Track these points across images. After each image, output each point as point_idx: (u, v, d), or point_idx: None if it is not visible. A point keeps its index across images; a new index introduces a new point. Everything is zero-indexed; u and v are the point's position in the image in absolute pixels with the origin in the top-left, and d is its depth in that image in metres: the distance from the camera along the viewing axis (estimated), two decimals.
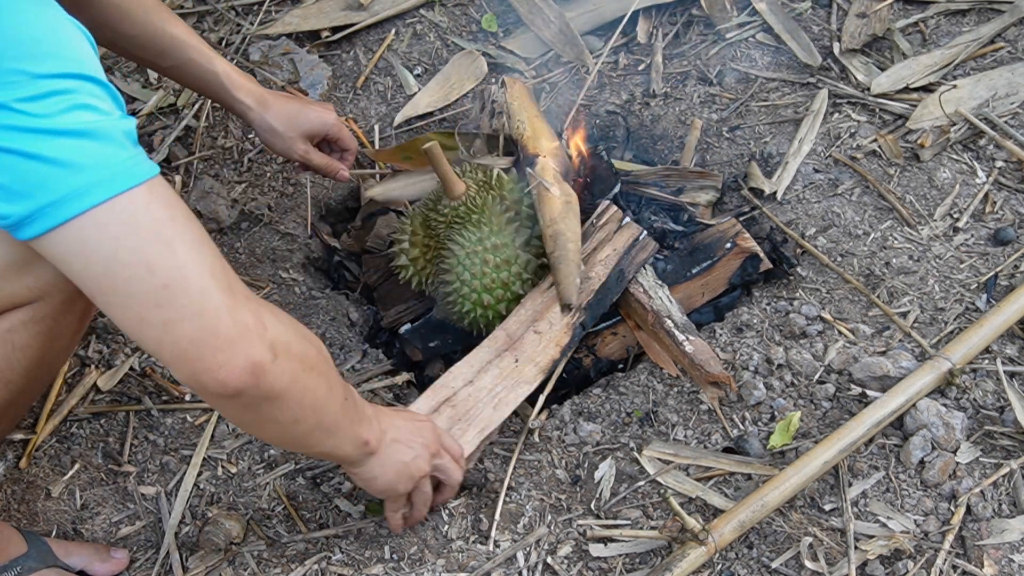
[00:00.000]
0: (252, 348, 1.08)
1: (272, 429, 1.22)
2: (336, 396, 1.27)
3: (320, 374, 1.22)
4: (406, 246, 1.88)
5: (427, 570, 1.57)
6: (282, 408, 1.16)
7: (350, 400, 1.32)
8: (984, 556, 1.48)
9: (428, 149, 1.71)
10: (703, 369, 1.69)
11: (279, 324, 1.14)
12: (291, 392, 1.15)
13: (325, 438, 1.29)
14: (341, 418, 1.29)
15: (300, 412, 1.20)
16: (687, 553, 1.47)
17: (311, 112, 1.88)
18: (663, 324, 1.75)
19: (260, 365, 1.08)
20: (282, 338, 1.13)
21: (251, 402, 1.12)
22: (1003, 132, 2.01)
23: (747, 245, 1.86)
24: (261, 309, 1.12)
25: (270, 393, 1.12)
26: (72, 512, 1.71)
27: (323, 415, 1.24)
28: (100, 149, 1.02)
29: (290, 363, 1.14)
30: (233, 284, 1.09)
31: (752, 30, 2.35)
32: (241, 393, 1.09)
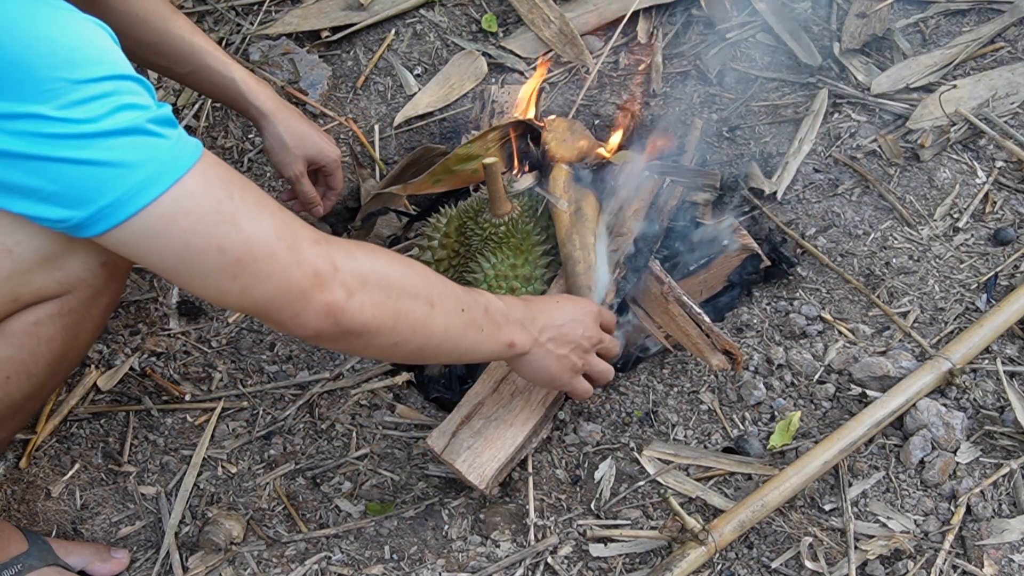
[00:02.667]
0: (323, 292, 1.15)
1: (377, 352, 1.31)
2: (445, 311, 1.30)
3: (413, 296, 1.26)
4: (435, 245, 1.88)
5: (427, 570, 1.58)
6: (375, 336, 1.23)
7: (474, 310, 1.36)
8: (984, 556, 1.48)
9: (488, 166, 1.73)
10: (718, 337, 1.68)
11: (353, 261, 1.19)
12: (379, 321, 1.21)
13: (449, 349, 1.35)
14: (462, 329, 1.34)
15: (397, 336, 1.25)
16: (687, 553, 1.47)
17: (320, 140, 1.94)
18: (677, 296, 1.74)
19: (334, 305, 1.16)
20: (356, 273, 1.19)
21: (340, 337, 1.20)
22: (1003, 132, 2.01)
23: (745, 242, 1.86)
24: (333, 251, 1.17)
25: (353, 327, 1.19)
26: (72, 512, 1.71)
27: (429, 333, 1.29)
28: (147, 144, 1.06)
29: (369, 295, 1.19)
30: (299, 236, 1.15)
31: (752, 30, 2.35)
32: (324, 333, 1.18)
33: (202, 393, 1.90)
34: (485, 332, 1.39)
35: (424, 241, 1.91)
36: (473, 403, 1.66)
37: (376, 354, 1.35)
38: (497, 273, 1.78)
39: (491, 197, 1.78)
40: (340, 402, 1.87)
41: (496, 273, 1.78)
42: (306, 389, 1.90)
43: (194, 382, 1.92)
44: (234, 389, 1.90)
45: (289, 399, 1.89)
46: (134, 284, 2.06)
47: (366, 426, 1.84)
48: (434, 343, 1.31)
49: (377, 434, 1.82)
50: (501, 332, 1.42)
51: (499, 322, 1.42)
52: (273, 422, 1.84)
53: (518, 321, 1.45)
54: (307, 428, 1.83)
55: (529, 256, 1.81)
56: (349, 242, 1.23)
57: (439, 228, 1.89)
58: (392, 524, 1.66)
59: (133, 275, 2.07)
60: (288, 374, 1.94)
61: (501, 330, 1.42)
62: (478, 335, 1.37)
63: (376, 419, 1.85)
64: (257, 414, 1.86)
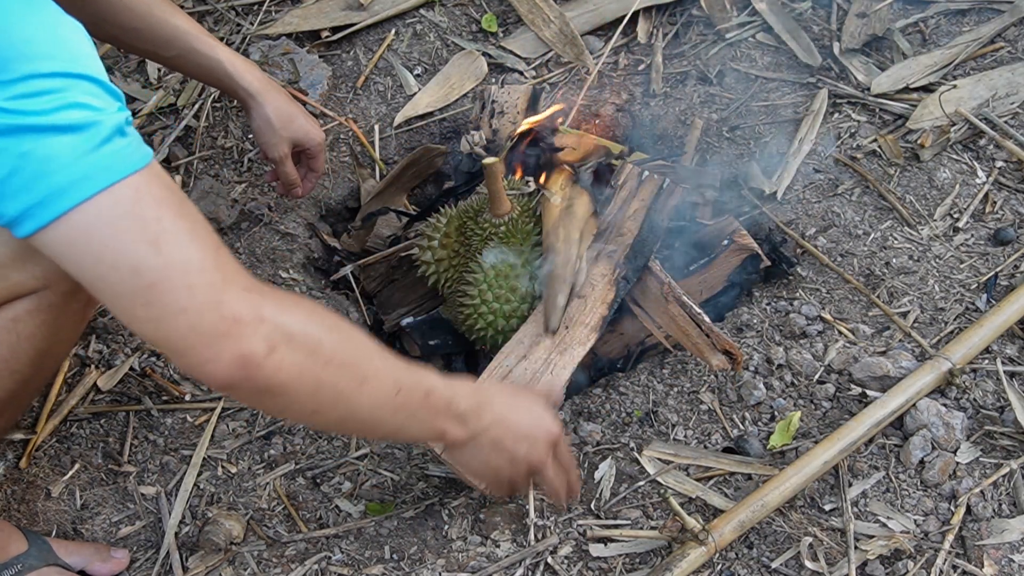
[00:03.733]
0: (241, 342, 1.05)
1: (295, 416, 1.24)
2: (376, 389, 1.21)
3: (342, 366, 1.17)
4: (435, 244, 1.88)
5: (427, 570, 1.57)
6: (292, 400, 1.13)
7: (412, 393, 1.27)
8: (984, 556, 1.48)
9: (488, 165, 1.73)
10: (718, 337, 1.68)
11: (283, 315, 1.10)
12: (297, 384, 1.12)
13: (374, 427, 1.29)
14: (391, 411, 1.25)
15: (316, 404, 1.16)
16: (687, 553, 1.47)
17: (306, 123, 1.92)
18: (678, 296, 1.74)
19: (249, 357, 1.06)
20: (283, 329, 1.09)
21: (253, 393, 1.11)
22: (1003, 132, 2.01)
23: (745, 242, 1.86)
24: (263, 300, 1.08)
25: (269, 385, 1.09)
26: (72, 512, 1.71)
27: (352, 408, 1.20)
28: (82, 144, 1.00)
29: (292, 354, 1.10)
30: (228, 276, 1.07)
31: (752, 30, 2.35)
32: (235, 386, 1.08)
33: (202, 393, 1.90)
34: (417, 418, 1.29)
35: (424, 241, 1.91)
36: None
37: (294, 418, 1.27)
38: (497, 273, 1.78)
39: (491, 197, 1.79)
40: None
41: (496, 273, 1.78)
42: None
43: (194, 382, 1.92)
44: None
45: None
46: None
47: None
48: (357, 419, 1.24)
49: None
50: (435, 421, 1.32)
51: (437, 410, 1.31)
52: (273, 422, 1.84)
53: (460, 414, 1.35)
54: (307, 428, 1.83)
55: (530, 256, 1.81)
56: (288, 296, 1.14)
57: (439, 228, 1.89)
58: (392, 524, 1.66)
59: None
60: None
61: (435, 419, 1.32)
62: (407, 420, 1.28)
63: None
64: (257, 414, 1.86)
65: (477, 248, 1.83)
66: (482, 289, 1.78)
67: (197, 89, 2.35)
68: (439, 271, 1.89)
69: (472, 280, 1.80)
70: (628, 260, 1.78)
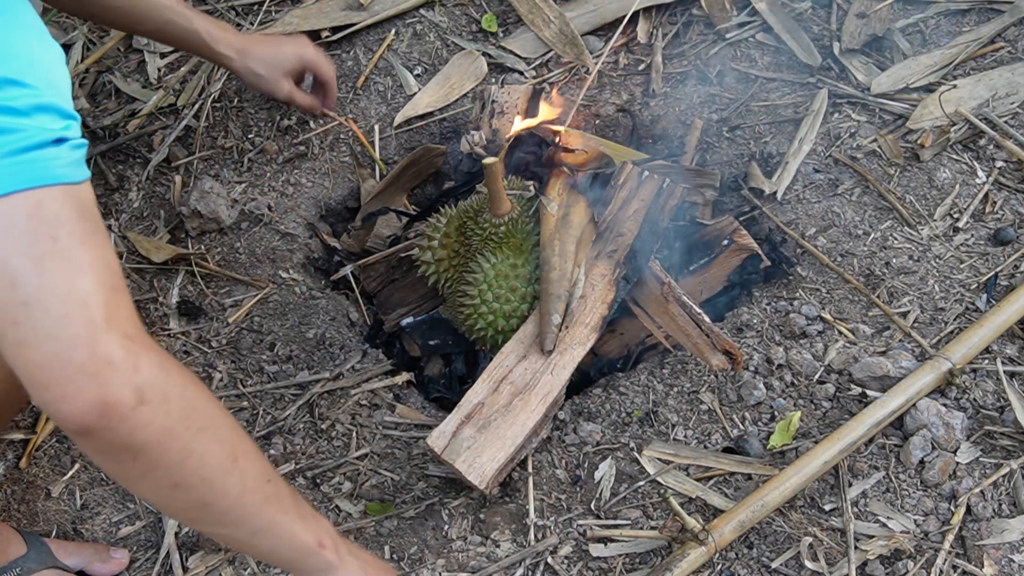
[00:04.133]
0: (108, 386, 0.96)
1: (151, 489, 1.07)
2: (247, 472, 1.11)
3: (217, 440, 1.07)
4: (435, 245, 1.88)
5: (427, 570, 1.57)
6: (154, 466, 1.02)
7: (281, 487, 1.16)
8: (984, 556, 1.48)
9: (488, 165, 1.73)
10: (718, 337, 1.68)
11: (162, 373, 1.00)
12: (163, 448, 1.02)
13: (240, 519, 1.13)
14: (262, 501, 1.13)
15: (180, 477, 1.05)
16: (687, 553, 1.47)
17: (287, 49, 1.97)
18: (678, 296, 1.74)
19: (113, 406, 0.96)
20: (159, 386, 1.00)
21: (110, 448, 1.00)
22: (1003, 132, 2.01)
23: (745, 242, 1.86)
24: (144, 352, 0.99)
25: (129, 442, 0.99)
26: (72, 512, 1.71)
27: (221, 490, 1.09)
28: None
29: (163, 416, 1.00)
30: (113, 318, 0.98)
31: (752, 30, 2.35)
32: (90, 433, 0.97)
33: None
34: (290, 516, 1.17)
35: (424, 241, 1.91)
36: (473, 403, 1.66)
37: (150, 492, 1.08)
38: (497, 273, 1.78)
39: (491, 197, 1.79)
40: (340, 402, 1.87)
41: (496, 273, 1.78)
42: (306, 389, 1.90)
43: None
44: (234, 389, 1.90)
45: (289, 399, 1.89)
46: (134, 285, 2.06)
47: (366, 426, 1.84)
48: (225, 504, 1.10)
49: (377, 434, 1.82)
50: (309, 525, 1.19)
51: (308, 515, 1.20)
52: (273, 422, 1.84)
53: (329, 529, 1.23)
54: (307, 428, 1.83)
55: (530, 256, 1.81)
56: (171, 359, 1.04)
57: (439, 228, 1.89)
58: (392, 524, 1.66)
59: (133, 275, 2.07)
60: (288, 374, 1.94)
61: (308, 523, 1.19)
62: (280, 515, 1.15)
63: (376, 419, 1.85)
64: (257, 414, 1.86)
65: (477, 248, 1.83)
66: (482, 290, 1.78)
67: (197, 89, 2.35)
68: (439, 271, 1.89)
69: (472, 280, 1.80)
70: (628, 260, 1.78)
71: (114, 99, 2.36)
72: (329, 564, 1.21)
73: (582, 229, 1.81)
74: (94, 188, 2.29)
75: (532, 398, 1.65)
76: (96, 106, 2.31)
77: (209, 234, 2.16)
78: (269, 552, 1.20)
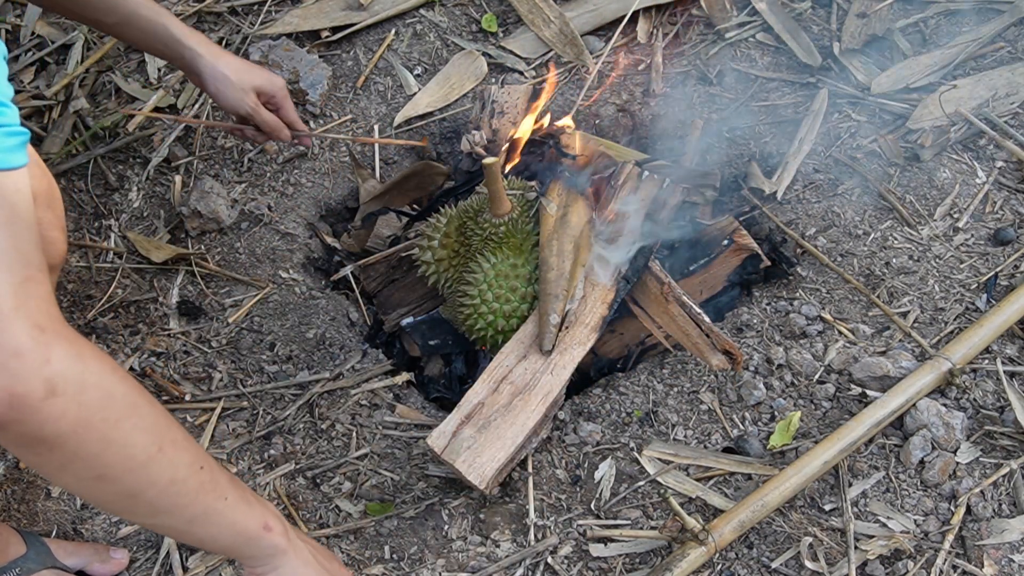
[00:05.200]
0: (15, 377, 0.93)
1: (74, 482, 1.04)
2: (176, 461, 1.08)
3: (138, 428, 1.04)
4: (435, 245, 1.88)
5: (427, 570, 1.57)
6: (72, 458, 1.00)
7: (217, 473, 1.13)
8: (984, 556, 1.48)
9: (488, 165, 1.73)
10: (718, 337, 1.68)
11: (77, 362, 0.98)
12: (79, 439, 0.98)
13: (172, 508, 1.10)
14: (195, 489, 1.10)
15: (103, 468, 1.02)
16: (687, 553, 1.47)
17: (263, 71, 1.84)
18: (677, 296, 1.74)
19: (22, 398, 0.93)
20: (72, 376, 0.97)
21: (20, 441, 0.97)
22: (1003, 132, 2.01)
23: (744, 242, 1.86)
24: (56, 341, 0.96)
25: (42, 435, 0.96)
26: (72, 512, 1.71)
27: (148, 479, 1.06)
28: None
29: (77, 407, 0.97)
30: (23, 307, 0.94)
31: (752, 30, 2.35)
32: (4, 428, 0.94)
33: (202, 393, 1.90)
34: (229, 502, 1.13)
35: (424, 241, 1.91)
36: (473, 403, 1.66)
37: (73, 484, 1.05)
38: (497, 273, 1.78)
39: (491, 197, 1.79)
40: (340, 402, 1.87)
41: (496, 273, 1.78)
42: (306, 389, 1.90)
43: (194, 382, 1.92)
44: (234, 389, 1.90)
45: (289, 399, 1.89)
46: (134, 285, 2.06)
47: (366, 426, 1.84)
48: (152, 494, 1.06)
49: (377, 434, 1.82)
50: (252, 509, 1.16)
51: (251, 500, 1.16)
52: (273, 422, 1.84)
53: (274, 512, 1.20)
54: (307, 428, 1.83)
55: (529, 256, 1.81)
56: (90, 347, 1.01)
57: (439, 228, 1.89)
58: (392, 524, 1.66)
59: (133, 275, 2.07)
60: (288, 374, 1.94)
61: (252, 507, 1.16)
62: (217, 502, 1.12)
63: (376, 419, 1.85)
64: (257, 414, 1.86)
65: (477, 248, 1.83)
66: (481, 289, 1.78)
67: (197, 89, 2.35)
68: (439, 271, 1.89)
69: (472, 280, 1.80)
70: (628, 260, 1.78)
71: (114, 99, 2.36)
72: (276, 547, 1.19)
73: (581, 229, 1.81)
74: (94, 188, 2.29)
75: (532, 398, 1.66)
76: (96, 106, 2.31)
77: (209, 234, 2.16)
78: (211, 540, 1.17)
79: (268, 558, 1.20)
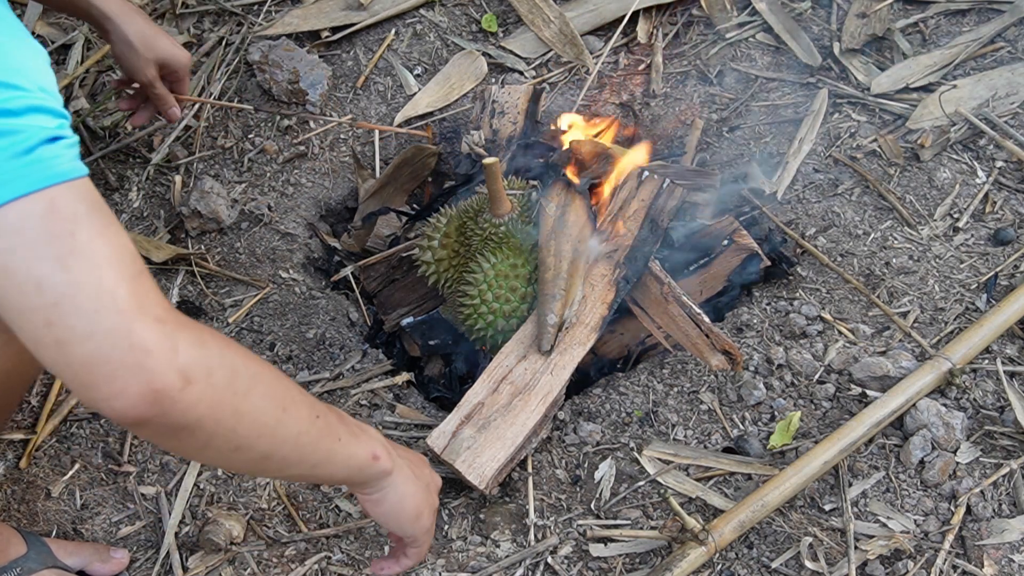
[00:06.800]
0: (152, 375, 0.97)
1: (214, 457, 1.10)
2: (298, 416, 1.15)
3: (263, 396, 1.10)
4: (435, 245, 1.88)
5: (427, 570, 1.58)
6: (212, 437, 1.05)
7: (329, 416, 1.21)
8: (984, 556, 1.48)
9: (488, 165, 1.73)
10: (718, 337, 1.68)
11: (200, 348, 1.02)
12: (217, 419, 1.04)
13: (300, 459, 1.17)
14: (317, 437, 1.18)
15: (239, 439, 1.08)
16: (687, 553, 1.47)
17: (170, 43, 1.85)
18: (677, 296, 1.74)
19: (163, 392, 0.97)
20: (200, 362, 1.02)
21: (168, 432, 1.02)
22: (1003, 132, 2.01)
23: (744, 242, 1.86)
24: (178, 331, 1.00)
25: (184, 422, 1.01)
26: (72, 512, 1.71)
27: (279, 439, 1.13)
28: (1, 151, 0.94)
29: (211, 389, 1.02)
30: (142, 303, 0.98)
31: (752, 30, 2.35)
32: (148, 424, 0.99)
33: None
34: (343, 442, 1.21)
35: (424, 241, 1.91)
36: (473, 403, 1.66)
37: (213, 459, 1.13)
38: (497, 273, 1.78)
39: (491, 197, 1.78)
40: (340, 402, 1.87)
41: (496, 273, 1.78)
42: (306, 389, 1.90)
43: None
44: None
45: None
46: None
47: None
48: (284, 452, 1.14)
49: None
50: (360, 442, 1.24)
51: (357, 432, 1.25)
52: None
53: (377, 437, 1.28)
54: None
55: (530, 256, 1.81)
56: (204, 328, 1.07)
57: (439, 228, 1.89)
58: None
59: None
60: (288, 374, 1.94)
61: (360, 440, 1.24)
62: (334, 444, 1.20)
63: (376, 419, 1.85)
64: None
65: (477, 248, 1.83)
66: (482, 290, 1.78)
67: (197, 89, 2.35)
68: (439, 271, 1.89)
69: (472, 280, 1.80)
70: (628, 260, 1.78)
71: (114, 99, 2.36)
72: (383, 471, 1.27)
73: (579, 229, 1.81)
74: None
75: (532, 398, 1.66)
76: (96, 106, 2.31)
77: (209, 234, 2.16)
78: (329, 476, 1.26)
79: (376, 482, 1.28)
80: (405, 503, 1.31)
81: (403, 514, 1.32)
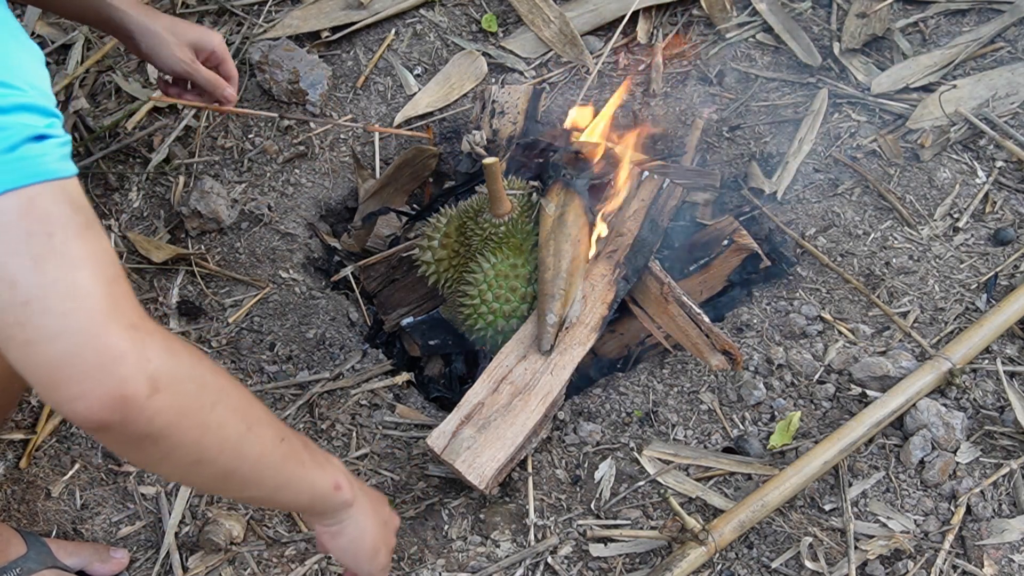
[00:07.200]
0: (121, 379, 0.95)
1: (173, 469, 1.09)
2: (263, 436, 1.13)
3: (229, 410, 1.09)
4: (435, 245, 1.88)
5: (427, 570, 1.58)
6: (174, 448, 1.03)
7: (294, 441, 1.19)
8: (984, 556, 1.48)
9: (488, 165, 1.73)
10: (718, 337, 1.68)
11: (171, 356, 1.01)
12: (182, 430, 1.02)
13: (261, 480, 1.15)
14: (280, 460, 1.16)
15: (201, 452, 1.06)
16: (687, 553, 1.47)
17: (196, 26, 1.78)
18: (677, 296, 1.74)
19: (130, 398, 0.96)
20: (170, 371, 1.00)
21: (130, 439, 1.00)
22: (1003, 132, 2.01)
23: (744, 242, 1.86)
24: (151, 340, 0.99)
25: (148, 430, 0.99)
26: (72, 512, 1.71)
27: (241, 456, 1.11)
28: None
29: (178, 399, 1.01)
30: (115, 308, 0.97)
31: (752, 30, 2.35)
32: (108, 428, 0.97)
33: None
34: (306, 467, 1.20)
35: (424, 241, 1.91)
36: (473, 403, 1.66)
37: (172, 471, 1.11)
38: (497, 273, 1.78)
39: (491, 197, 1.79)
40: (340, 402, 1.87)
41: (496, 273, 1.78)
42: (306, 389, 1.90)
43: None
44: None
45: (289, 399, 1.89)
46: (134, 285, 2.06)
47: (366, 426, 1.84)
48: (245, 470, 1.12)
49: (377, 434, 1.82)
50: (324, 471, 1.23)
51: (321, 462, 1.23)
52: None
53: (340, 468, 1.27)
54: (307, 428, 1.83)
55: (530, 256, 1.81)
56: (174, 337, 1.05)
57: (439, 228, 1.89)
58: None
59: (133, 275, 2.07)
60: (288, 374, 1.94)
61: (324, 468, 1.23)
62: (298, 468, 1.19)
63: (376, 419, 1.85)
64: None
65: (477, 248, 1.83)
66: (482, 290, 1.78)
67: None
68: (439, 271, 1.89)
69: (472, 280, 1.80)
70: (628, 260, 1.78)
71: (114, 99, 2.36)
72: (344, 501, 1.25)
73: (578, 229, 1.81)
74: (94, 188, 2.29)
75: (532, 398, 1.66)
76: (96, 106, 2.31)
77: (209, 234, 2.16)
78: (291, 502, 1.24)
79: (336, 513, 1.26)
80: (364, 538, 1.29)
81: (361, 549, 1.30)
